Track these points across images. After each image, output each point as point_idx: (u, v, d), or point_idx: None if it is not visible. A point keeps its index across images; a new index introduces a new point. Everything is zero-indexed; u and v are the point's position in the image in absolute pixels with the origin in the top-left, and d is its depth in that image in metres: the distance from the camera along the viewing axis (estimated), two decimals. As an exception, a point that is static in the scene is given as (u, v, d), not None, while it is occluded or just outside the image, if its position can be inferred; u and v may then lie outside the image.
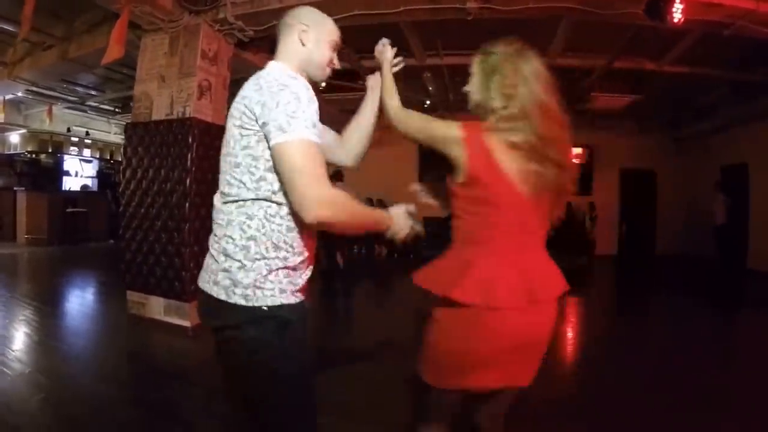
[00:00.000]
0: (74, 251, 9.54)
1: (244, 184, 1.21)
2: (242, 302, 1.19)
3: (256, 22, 4.49)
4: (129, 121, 4.95)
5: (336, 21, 1.50)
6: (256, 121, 1.17)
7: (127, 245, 4.66)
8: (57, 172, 11.31)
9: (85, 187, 11.80)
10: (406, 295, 6.44)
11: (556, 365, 3.88)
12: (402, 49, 6.11)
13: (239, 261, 1.20)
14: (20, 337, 4.06)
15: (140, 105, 4.71)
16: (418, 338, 1.50)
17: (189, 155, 4.31)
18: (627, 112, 8.37)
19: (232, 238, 1.21)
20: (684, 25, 3.89)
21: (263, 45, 4.89)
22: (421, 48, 6.02)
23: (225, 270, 1.21)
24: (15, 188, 10.38)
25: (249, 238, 1.20)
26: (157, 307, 4.48)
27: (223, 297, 1.20)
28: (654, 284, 8.18)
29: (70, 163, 11.84)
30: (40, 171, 10.94)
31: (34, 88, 8.65)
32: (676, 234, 10.38)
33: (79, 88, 9.27)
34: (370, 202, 9.24)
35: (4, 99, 9.56)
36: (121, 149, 8.65)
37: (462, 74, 6.13)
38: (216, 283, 1.22)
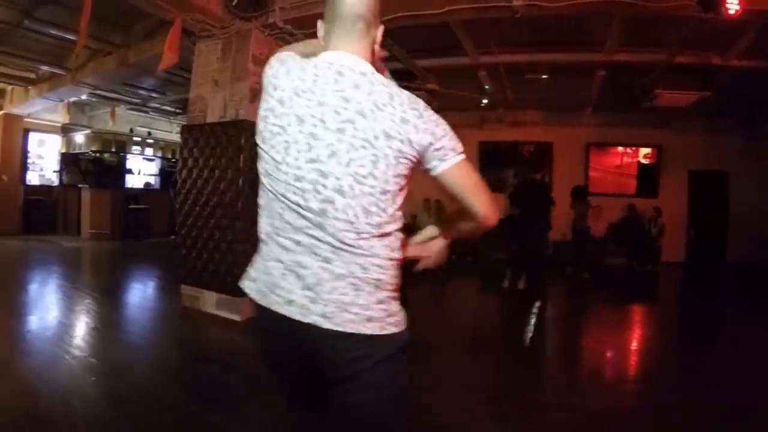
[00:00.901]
0: (135, 246, 10.05)
1: (386, 213, 1.11)
2: (395, 329, 1.13)
3: (306, 26, 4.55)
4: (185, 123, 5.16)
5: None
6: (424, 151, 1.12)
7: (183, 241, 4.88)
8: (120, 170, 11.92)
9: (147, 184, 12.40)
10: (463, 294, 6.83)
11: (614, 376, 3.70)
12: (454, 48, 6.05)
13: (389, 290, 1.14)
14: (79, 325, 4.34)
15: (195, 108, 4.89)
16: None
17: (241, 156, 4.44)
18: (696, 110, 7.83)
19: (382, 268, 1.12)
20: (741, 16, 3.58)
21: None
22: (473, 47, 5.88)
23: (380, 302, 1.12)
24: (80, 185, 11.04)
25: (393, 266, 1.15)
26: (209, 301, 4.67)
27: (377, 332, 1.10)
28: (723, 295, 7.62)
29: (133, 161, 12.44)
30: (104, 169, 11.54)
31: (98, 92, 9.19)
32: (749, 241, 9.58)
33: (140, 91, 9.75)
34: (427, 203, 9.12)
35: (69, 102, 10.23)
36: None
37: (520, 71, 5.96)
38: (370, 319, 1.09)
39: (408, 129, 1.08)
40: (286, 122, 1.11)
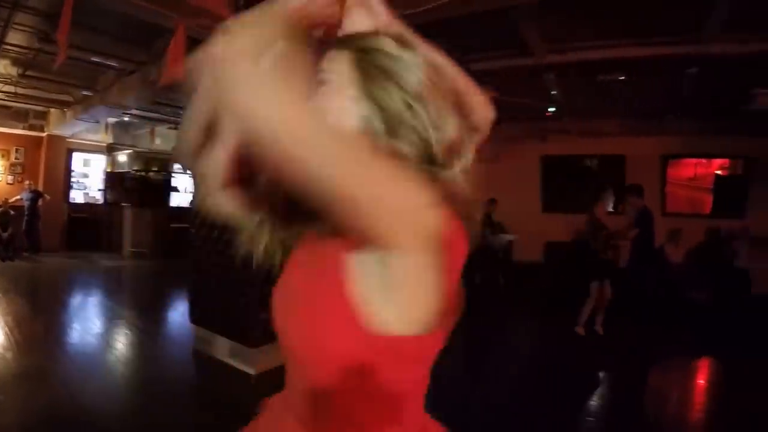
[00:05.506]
0: (175, 266, 9.64)
1: None
2: None
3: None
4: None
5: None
6: None
7: (197, 277, 4.24)
8: (164, 188, 11.76)
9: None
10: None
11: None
12: (515, 47, 4.92)
13: None
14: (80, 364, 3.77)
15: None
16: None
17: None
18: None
19: None
20: None
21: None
22: (539, 42, 4.90)
23: None
24: (123, 204, 11.02)
25: None
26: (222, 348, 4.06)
27: None
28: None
29: (179, 180, 12.18)
30: (147, 188, 11.39)
31: (136, 112, 9.09)
32: None
33: (180, 110, 9.47)
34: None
35: (108, 122, 10.26)
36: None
37: (592, 72, 4.78)
38: None
39: None
40: None
